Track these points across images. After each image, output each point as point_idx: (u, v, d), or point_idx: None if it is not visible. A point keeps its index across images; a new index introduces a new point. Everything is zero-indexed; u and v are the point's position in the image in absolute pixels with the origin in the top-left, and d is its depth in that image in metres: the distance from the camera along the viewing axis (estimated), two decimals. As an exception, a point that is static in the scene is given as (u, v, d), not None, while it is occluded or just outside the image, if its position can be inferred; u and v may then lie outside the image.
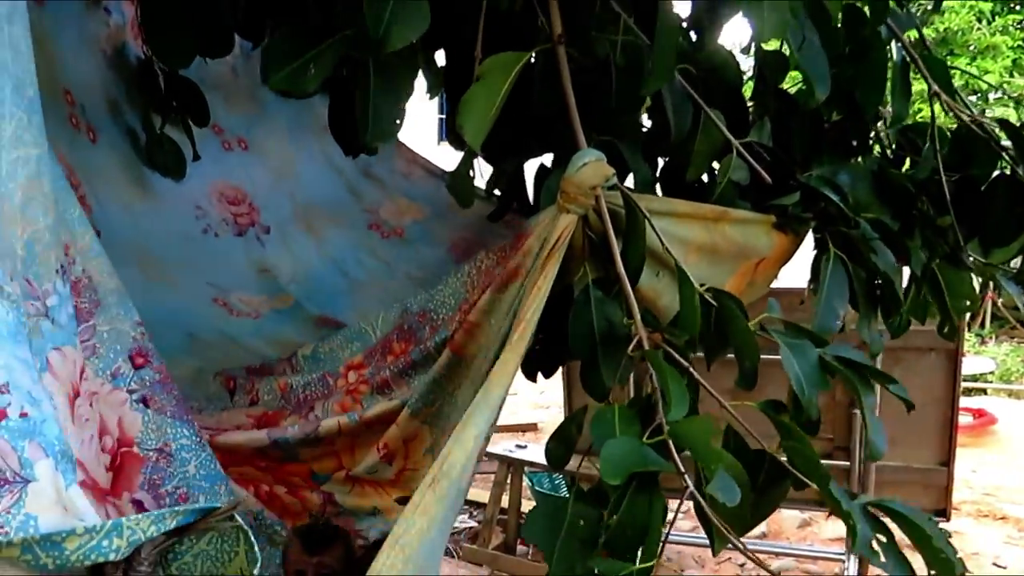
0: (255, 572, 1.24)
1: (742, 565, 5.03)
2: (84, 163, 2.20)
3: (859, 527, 1.25)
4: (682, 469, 1.24)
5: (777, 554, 5.10)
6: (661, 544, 1.22)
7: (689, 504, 1.28)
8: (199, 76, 2.47)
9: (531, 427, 7.95)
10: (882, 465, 4.26)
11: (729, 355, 1.55)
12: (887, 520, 1.31)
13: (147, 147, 2.39)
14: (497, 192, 2.38)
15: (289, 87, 1.55)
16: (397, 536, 1.25)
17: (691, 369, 1.42)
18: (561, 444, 1.57)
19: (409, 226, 2.73)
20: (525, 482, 5.14)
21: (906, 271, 2.02)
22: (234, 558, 1.22)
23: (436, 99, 2.74)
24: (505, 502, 4.96)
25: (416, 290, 1.94)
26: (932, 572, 1.27)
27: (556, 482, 5.28)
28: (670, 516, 1.27)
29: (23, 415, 1.07)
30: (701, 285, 1.48)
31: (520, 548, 4.99)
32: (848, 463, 4.28)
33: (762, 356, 1.48)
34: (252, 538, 1.24)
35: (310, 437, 1.71)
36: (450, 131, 2.33)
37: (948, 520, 4.69)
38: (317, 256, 2.52)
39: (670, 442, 1.26)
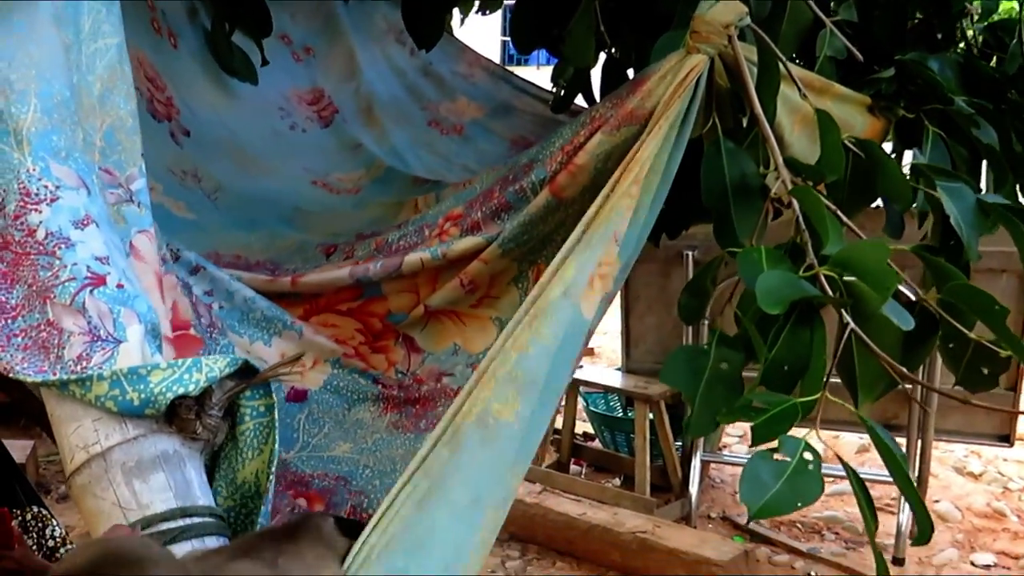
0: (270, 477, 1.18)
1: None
2: (168, 67, 2.25)
3: None
4: (842, 300, 1.21)
5: (835, 477, 5.08)
6: (825, 379, 1.20)
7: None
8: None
9: (588, 351, 8.00)
10: (944, 387, 4.20)
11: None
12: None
13: (218, 53, 2.42)
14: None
15: None
16: (484, 369, 1.24)
17: (838, 212, 1.35)
18: (695, 297, 1.54)
19: (469, 124, 2.76)
20: (580, 403, 5.20)
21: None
22: (255, 457, 1.20)
23: (500, 21, 2.75)
24: (559, 422, 5.03)
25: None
26: None
27: (611, 404, 5.32)
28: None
29: (119, 286, 1.13)
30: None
31: (573, 468, 5.06)
32: (908, 386, 4.22)
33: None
34: (276, 438, 1.22)
35: (392, 274, 1.69)
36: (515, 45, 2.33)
37: (1011, 446, 4.61)
38: (379, 150, 2.55)
39: (822, 276, 1.23)
